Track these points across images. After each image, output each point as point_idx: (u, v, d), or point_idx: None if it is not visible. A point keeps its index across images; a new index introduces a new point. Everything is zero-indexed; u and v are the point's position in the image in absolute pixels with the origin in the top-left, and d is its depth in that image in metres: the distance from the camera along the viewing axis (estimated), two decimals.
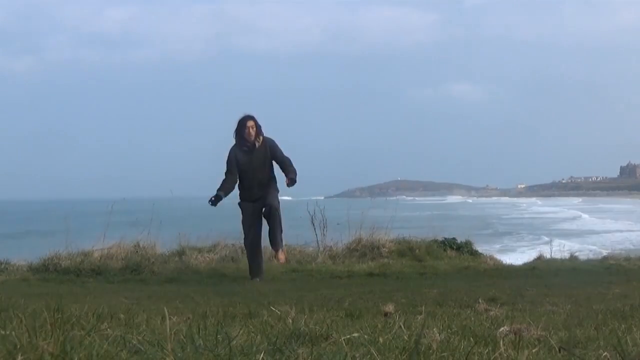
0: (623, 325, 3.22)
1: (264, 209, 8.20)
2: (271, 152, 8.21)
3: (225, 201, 8.28)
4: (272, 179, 8.33)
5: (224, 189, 8.20)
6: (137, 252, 9.75)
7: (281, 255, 8.30)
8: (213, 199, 8.13)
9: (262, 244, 8.46)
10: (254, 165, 8.17)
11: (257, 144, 8.15)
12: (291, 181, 8.15)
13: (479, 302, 4.45)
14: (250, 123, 8.13)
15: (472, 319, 3.60)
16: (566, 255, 11.27)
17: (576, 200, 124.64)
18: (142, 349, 2.14)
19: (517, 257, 11.26)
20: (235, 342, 2.25)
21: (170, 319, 3.14)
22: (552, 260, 10.61)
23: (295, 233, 9.20)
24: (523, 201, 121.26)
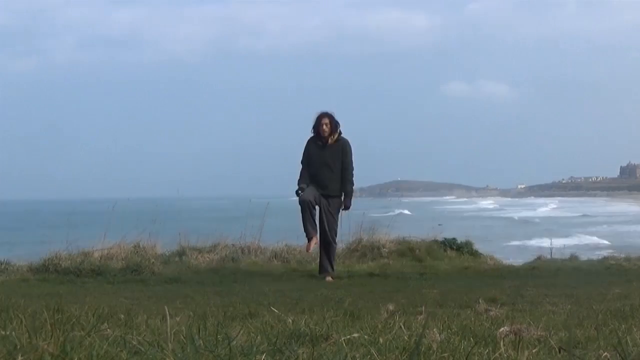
0: (623, 326, 3.23)
1: (320, 234, 8.52)
2: (342, 153, 8.53)
3: (225, 202, 8.28)
4: (338, 182, 8.55)
5: (303, 182, 8.55)
6: (137, 252, 9.75)
7: (329, 278, 8.30)
8: (299, 191, 8.47)
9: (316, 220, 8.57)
10: (324, 160, 8.50)
11: (330, 141, 8.49)
12: (346, 208, 8.66)
13: (479, 303, 4.45)
14: (325, 120, 8.50)
15: (472, 319, 3.60)
16: (566, 255, 11.29)
17: (601, 200, 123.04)
18: (142, 349, 2.14)
19: None
20: (235, 342, 2.25)
21: (171, 316, 3.15)
22: (552, 260, 10.62)
23: (296, 233, 9.19)
24: (540, 201, 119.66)
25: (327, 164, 8.50)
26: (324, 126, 8.48)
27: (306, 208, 8.42)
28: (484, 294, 5.48)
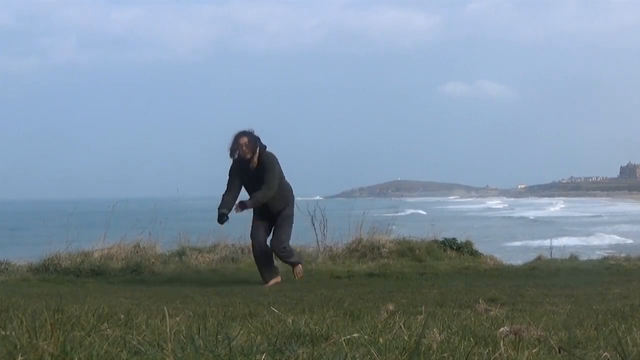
0: (623, 326, 3.23)
1: (270, 241, 8.10)
2: (264, 171, 7.83)
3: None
4: (278, 199, 7.97)
5: (226, 206, 7.91)
6: (137, 252, 9.76)
7: (299, 270, 8.33)
8: (219, 218, 7.95)
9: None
10: (254, 185, 7.89)
11: (252, 163, 7.80)
12: (241, 205, 7.85)
13: (479, 302, 4.46)
14: (243, 140, 7.79)
15: (472, 319, 3.61)
16: (566, 255, 11.27)
17: (603, 200, 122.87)
18: (142, 349, 2.14)
19: None
20: (235, 342, 2.25)
21: (171, 316, 3.15)
22: (552, 260, 10.61)
23: (295, 233, 9.20)
24: (544, 201, 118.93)
25: (258, 186, 7.86)
26: (243, 147, 7.75)
27: (260, 258, 8.02)
28: (484, 294, 5.49)
